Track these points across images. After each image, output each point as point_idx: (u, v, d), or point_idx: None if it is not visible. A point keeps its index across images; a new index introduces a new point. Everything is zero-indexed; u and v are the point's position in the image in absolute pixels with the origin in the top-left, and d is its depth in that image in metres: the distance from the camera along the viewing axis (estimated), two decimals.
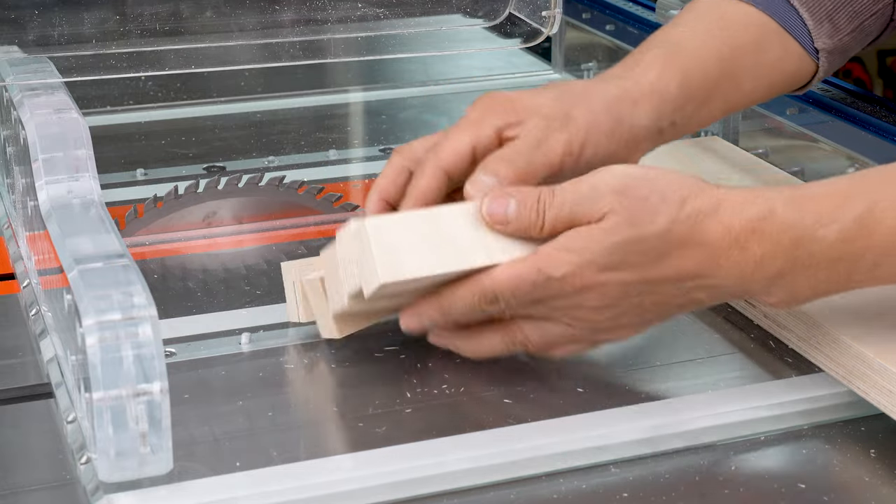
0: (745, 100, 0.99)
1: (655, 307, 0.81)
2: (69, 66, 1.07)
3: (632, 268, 0.79)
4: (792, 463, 0.79)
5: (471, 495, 0.76)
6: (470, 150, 0.87)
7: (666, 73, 0.93)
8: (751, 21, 0.98)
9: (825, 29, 0.99)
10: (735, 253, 0.79)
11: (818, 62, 1.00)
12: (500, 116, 0.88)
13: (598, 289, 0.79)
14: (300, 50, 1.17)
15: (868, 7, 1.00)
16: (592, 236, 0.78)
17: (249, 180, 1.08)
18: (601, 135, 0.89)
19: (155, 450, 0.72)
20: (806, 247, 0.78)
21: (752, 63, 0.97)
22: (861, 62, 2.46)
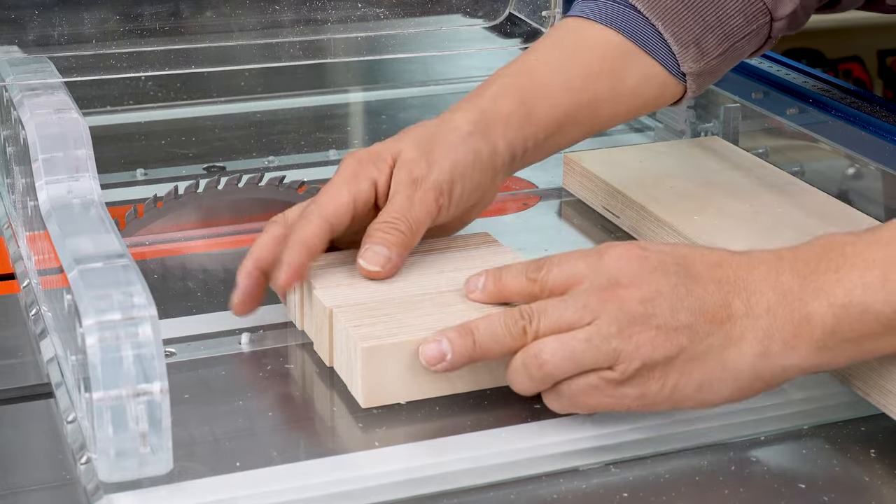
0: (603, 124, 1.00)
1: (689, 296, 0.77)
2: (69, 66, 1.07)
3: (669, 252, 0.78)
4: (792, 463, 0.79)
5: (471, 495, 0.76)
6: (351, 203, 0.89)
7: (510, 103, 0.94)
8: (610, 47, 0.98)
9: (691, 53, 0.99)
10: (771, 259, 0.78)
11: (685, 84, 1.00)
12: (372, 169, 0.90)
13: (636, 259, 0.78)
14: (300, 50, 1.17)
15: (741, 28, 1.00)
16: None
17: (249, 180, 1.08)
18: (465, 168, 0.91)
19: (155, 450, 0.72)
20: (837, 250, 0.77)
21: (607, 90, 0.98)
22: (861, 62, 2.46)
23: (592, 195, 1.11)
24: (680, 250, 0.79)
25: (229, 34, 1.22)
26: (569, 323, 0.77)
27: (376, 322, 0.82)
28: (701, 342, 0.76)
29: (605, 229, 1.09)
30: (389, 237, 0.88)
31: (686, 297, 0.76)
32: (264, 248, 0.90)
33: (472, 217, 0.95)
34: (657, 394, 0.76)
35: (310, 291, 0.88)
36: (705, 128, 1.24)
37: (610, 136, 1.30)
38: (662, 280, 0.77)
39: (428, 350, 0.79)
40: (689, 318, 0.76)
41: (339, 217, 0.89)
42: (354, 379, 0.82)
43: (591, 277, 0.78)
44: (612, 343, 0.76)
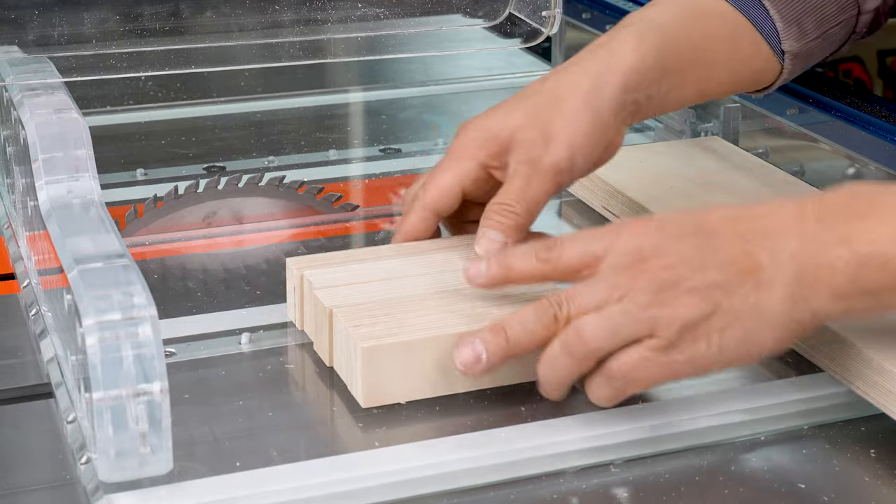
0: (717, 89, 1.00)
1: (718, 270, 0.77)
2: (69, 66, 1.07)
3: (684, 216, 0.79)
4: (792, 463, 0.79)
5: (471, 495, 0.76)
6: (457, 189, 0.90)
7: (642, 47, 0.94)
8: (724, 14, 0.99)
9: (793, 32, 1.00)
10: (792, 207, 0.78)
11: (783, 64, 1.01)
12: (481, 150, 0.90)
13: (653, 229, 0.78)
14: (300, 50, 1.17)
15: (834, 16, 1.02)
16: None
17: (249, 180, 1.08)
18: (583, 138, 0.91)
19: (155, 450, 0.72)
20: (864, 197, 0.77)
21: (724, 54, 0.98)
22: (861, 62, 2.46)
23: (592, 195, 1.11)
24: (696, 213, 0.79)
25: (229, 34, 1.22)
26: (600, 303, 0.77)
27: (376, 322, 0.82)
28: (734, 294, 0.76)
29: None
30: (505, 221, 0.87)
31: (712, 254, 0.77)
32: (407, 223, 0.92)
33: (604, 163, 0.95)
34: (705, 354, 0.76)
35: (310, 291, 0.88)
36: (705, 128, 1.24)
37: None
38: (684, 244, 0.77)
39: (463, 354, 0.79)
40: (718, 274, 0.76)
41: (443, 202, 0.90)
42: (354, 379, 0.82)
43: (610, 256, 0.78)
44: (650, 311, 0.76)
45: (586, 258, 0.79)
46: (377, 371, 0.81)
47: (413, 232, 0.91)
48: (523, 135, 0.90)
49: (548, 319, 0.78)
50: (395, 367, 0.81)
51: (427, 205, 0.91)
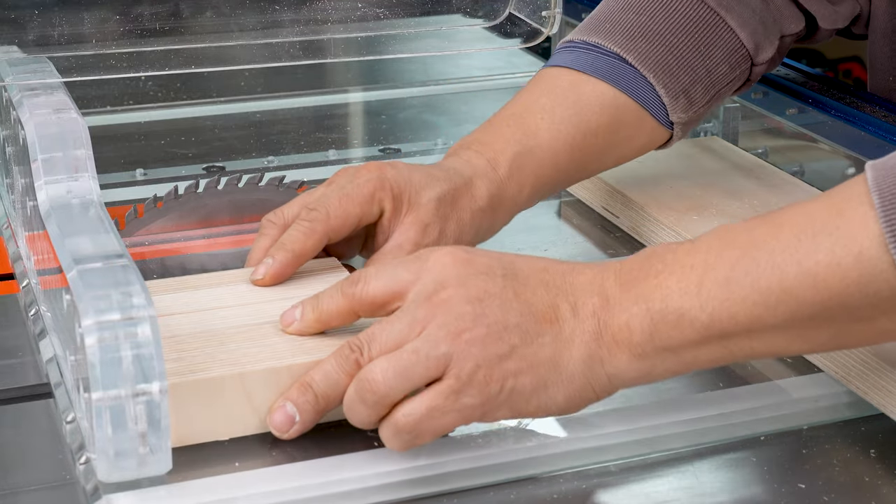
0: (593, 172, 1.03)
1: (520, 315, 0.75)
2: (69, 66, 1.07)
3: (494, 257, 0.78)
4: (792, 463, 0.79)
5: (471, 495, 0.76)
6: (356, 224, 0.91)
7: (523, 177, 0.96)
8: (606, 102, 0.99)
9: (681, 104, 1.01)
10: (595, 266, 0.78)
11: (672, 132, 1.03)
12: (389, 200, 0.91)
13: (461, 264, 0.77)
14: (300, 50, 1.17)
15: (725, 76, 1.03)
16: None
17: (249, 180, 1.08)
18: (473, 236, 0.94)
19: (154, 450, 0.72)
20: (660, 256, 0.76)
21: (602, 144, 1.00)
22: (861, 62, 2.46)
23: (592, 195, 1.11)
24: (506, 257, 0.78)
25: (229, 34, 1.22)
26: (399, 341, 0.74)
27: (183, 357, 0.79)
28: (532, 342, 0.74)
29: (605, 229, 1.09)
30: None
31: (514, 298, 0.75)
32: (261, 252, 0.90)
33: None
34: (497, 397, 0.74)
35: None
36: (705, 128, 1.24)
37: None
38: (490, 282, 0.75)
39: (276, 419, 0.77)
40: (519, 318, 0.75)
41: (339, 234, 0.90)
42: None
43: (415, 285, 0.76)
44: (442, 348, 0.73)
45: (392, 289, 0.77)
46: (179, 409, 0.76)
47: (308, 253, 0.89)
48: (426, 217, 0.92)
49: (350, 366, 0.75)
50: (196, 406, 0.77)
51: (329, 231, 0.89)
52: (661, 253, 0.76)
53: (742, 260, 0.73)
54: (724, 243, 0.75)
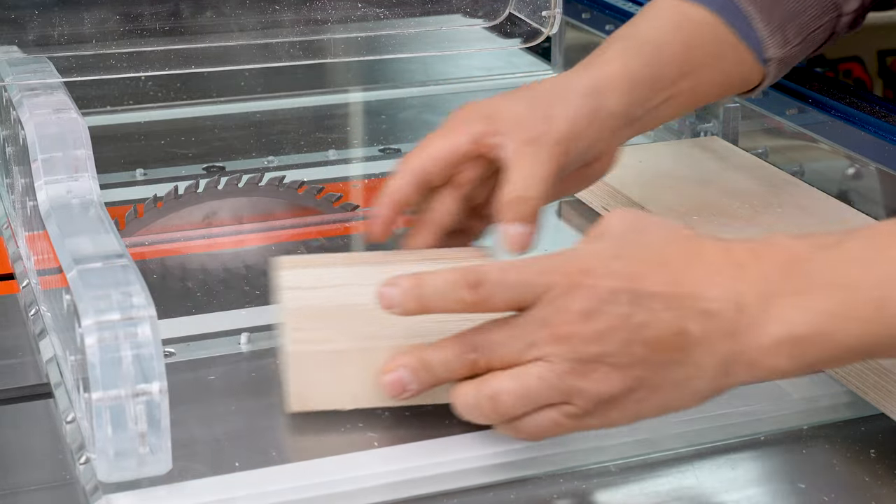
0: (703, 100, 1.01)
1: (643, 332, 0.72)
2: (69, 66, 1.07)
3: (627, 264, 0.73)
4: (792, 463, 0.79)
5: (471, 495, 0.76)
6: (440, 157, 0.88)
7: (632, 63, 0.94)
8: (708, 25, 1.00)
9: (777, 40, 1.01)
10: (732, 269, 0.73)
11: (766, 70, 1.02)
12: (477, 125, 0.89)
13: (588, 288, 0.72)
14: (300, 50, 1.17)
15: (814, 20, 1.03)
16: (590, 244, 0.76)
17: (249, 180, 1.08)
18: (582, 124, 0.90)
19: (154, 450, 0.72)
20: (803, 266, 0.73)
21: (709, 65, 0.99)
22: (861, 62, 2.46)
23: (592, 195, 1.11)
24: (634, 276, 0.73)
25: (229, 34, 1.22)
26: (517, 357, 0.74)
27: (317, 328, 0.80)
28: (658, 373, 0.72)
29: None
30: (522, 210, 0.86)
31: (640, 329, 0.72)
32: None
33: (589, 180, 0.95)
34: (619, 420, 0.74)
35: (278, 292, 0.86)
36: (705, 128, 1.24)
37: None
38: (615, 312, 0.72)
39: (389, 381, 0.77)
40: (645, 350, 0.72)
41: (425, 169, 0.88)
42: (286, 380, 0.80)
43: (538, 307, 0.73)
44: (567, 381, 0.72)
45: (515, 304, 0.74)
46: (305, 376, 0.79)
47: (396, 193, 0.88)
48: (523, 114, 0.89)
49: (467, 366, 0.75)
50: (323, 375, 0.79)
51: (410, 169, 0.88)
52: (803, 262, 0.73)
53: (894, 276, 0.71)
54: (874, 253, 0.72)
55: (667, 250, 0.74)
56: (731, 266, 0.73)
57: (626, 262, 0.74)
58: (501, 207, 0.87)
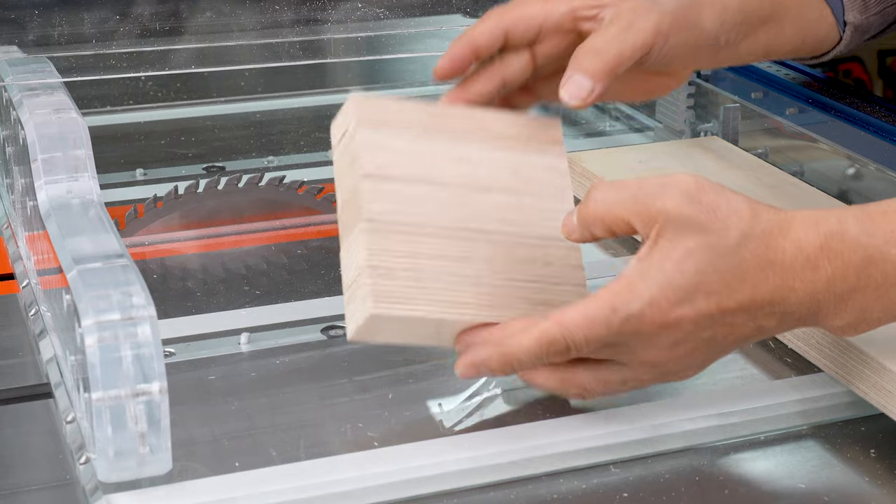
0: (781, 49, 0.99)
1: (724, 340, 0.76)
2: (69, 66, 1.07)
3: (706, 294, 0.74)
4: (792, 463, 0.79)
5: (471, 495, 0.76)
6: (536, 18, 0.85)
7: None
8: None
9: (857, 4, 1.01)
10: (807, 273, 0.74)
11: (842, 35, 1.02)
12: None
13: (675, 325, 0.74)
14: (300, 50, 1.17)
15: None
16: (662, 253, 0.74)
17: (249, 180, 1.08)
18: (682, 25, 0.88)
19: (154, 450, 0.72)
20: (878, 266, 0.74)
21: (793, 16, 0.98)
22: (861, 62, 2.46)
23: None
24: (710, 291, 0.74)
25: (229, 34, 1.22)
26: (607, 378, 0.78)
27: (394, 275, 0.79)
28: (729, 348, 0.78)
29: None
30: (596, 65, 0.83)
31: (723, 339, 0.76)
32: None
33: (650, 93, 0.92)
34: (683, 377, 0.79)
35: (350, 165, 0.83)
36: (705, 128, 1.24)
37: (610, 137, 1.30)
38: (701, 337, 0.75)
39: (464, 372, 0.78)
40: (722, 352, 0.78)
41: (516, 26, 0.85)
42: (351, 315, 0.80)
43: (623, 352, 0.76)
44: (647, 384, 0.79)
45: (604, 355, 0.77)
46: (374, 327, 0.79)
47: (479, 38, 0.85)
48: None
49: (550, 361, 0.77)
50: (394, 330, 0.79)
51: (502, 21, 0.85)
52: (879, 262, 0.74)
53: None
54: None
55: (742, 257, 0.74)
56: (807, 268, 0.75)
57: (704, 285, 0.74)
58: (576, 55, 0.84)
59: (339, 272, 1.00)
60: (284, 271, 1.02)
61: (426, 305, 0.79)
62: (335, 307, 0.94)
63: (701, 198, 0.75)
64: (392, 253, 0.79)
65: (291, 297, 0.97)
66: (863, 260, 0.74)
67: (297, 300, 0.96)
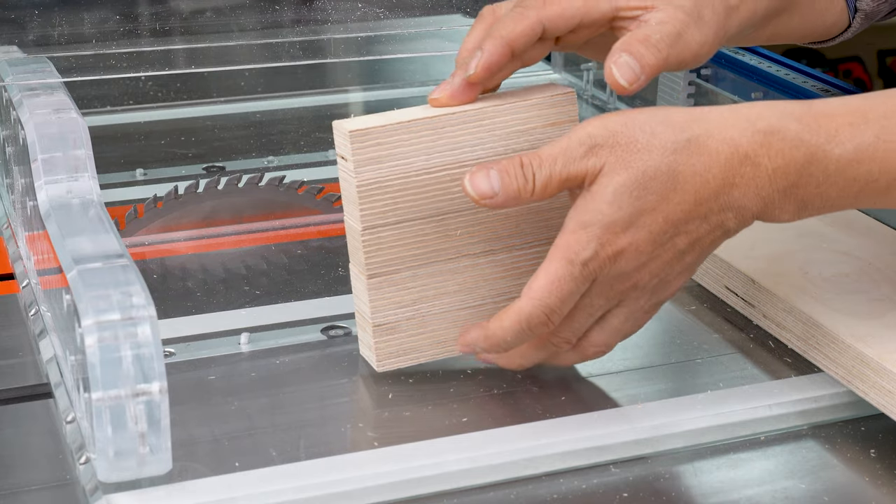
0: (786, 36, 0.99)
1: (692, 248, 0.79)
2: (69, 66, 1.07)
3: (649, 212, 0.76)
4: (792, 463, 0.79)
5: (471, 495, 0.76)
6: (577, 16, 0.84)
7: None
8: None
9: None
10: (747, 169, 0.77)
11: (851, 21, 1.02)
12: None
13: (630, 249, 0.77)
14: (300, 50, 1.17)
15: None
16: (596, 199, 0.76)
17: (249, 180, 1.08)
18: (717, 37, 0.87)
19: (154, 450, 0.72)
20: (820, 164, 0.77)
21: (805, 6, 0.97)
22: (861, 62, 2.46)
23: None
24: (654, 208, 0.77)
25: (229, 34, 1.22)
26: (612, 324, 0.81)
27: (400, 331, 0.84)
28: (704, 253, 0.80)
29: None
30: (648, 56, 0.82)
31: (689, 246, 0.78)
32: (472, 45, 0.86)
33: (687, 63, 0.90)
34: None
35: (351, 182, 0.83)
36: None
37: None
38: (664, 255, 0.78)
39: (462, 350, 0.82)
40: (698, 256, 0.79)
41: (555, 25, 0.84)
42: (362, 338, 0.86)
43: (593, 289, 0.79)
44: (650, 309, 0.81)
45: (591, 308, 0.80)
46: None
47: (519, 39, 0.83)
48: (683, 3, 0.85)
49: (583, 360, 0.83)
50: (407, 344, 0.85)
51: (543, 18, 0.83)
52: (821, 160, 0.77)
53: None
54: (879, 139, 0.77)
55: (675, 170, 0.77)
56: (747, 166, 0.77)
57: (644, 208, 0.77)
58: (629, 39, 0.83)
59: (340, 272, 1.00)
60: (284, 271, 1.02)
61: (431, 349, 0.85)
62: (335, 307, 0.94)
63: (619, 140, 0.77)
64: (395, 304, 0.83)
65: (291, 297, 0.97)
66: (805, 157, 0.77)
67: (297, 300, 0.96)
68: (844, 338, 0.83)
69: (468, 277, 0.84)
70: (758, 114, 0.78)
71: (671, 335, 0.91)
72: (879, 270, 0.91)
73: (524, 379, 0.85)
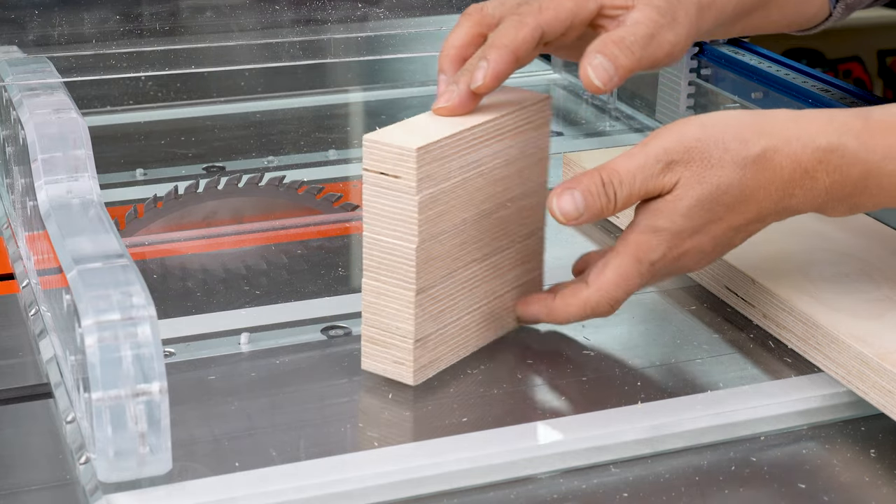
0: (764, 29, 1.01)
1: (743, 239, 0.85)
2: (69, 66, 1.07)
3: (716, 222, 0.82)
4: (792, 463, 0.79)
5: (471, 495, 0.76)
6: (569, 18, 0.86)
7: None
8: None
9: None
10: (807, 182, 0.82)
11: (832, 11, 1.03)
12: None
13: (694, 250, 0.83)
14: (300, 50, 1.17)
15: None
16: (670, 208, 0.81)
17: (249, 180, 1.08)
18: (689, 36, 0.90)
19: (154, 450, 0.72)
20: (875, 179, 0.81)
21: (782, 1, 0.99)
22: (861, 62, 2.46)
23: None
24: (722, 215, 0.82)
25: (229, 34, 1.22)
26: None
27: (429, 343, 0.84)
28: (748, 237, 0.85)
29: (605, 229, 1.09)
30: (622, 57, 0.85)
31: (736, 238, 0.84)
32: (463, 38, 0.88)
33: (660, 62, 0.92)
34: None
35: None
36: None
37: (610, 137, 1.30)
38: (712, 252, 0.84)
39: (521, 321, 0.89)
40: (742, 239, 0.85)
41: (552, 28, 0.86)
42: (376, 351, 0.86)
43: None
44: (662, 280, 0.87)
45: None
46: None
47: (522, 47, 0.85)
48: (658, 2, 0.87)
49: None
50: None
51: (541, 24, 0.85)
52: (876, 175, 0.81)
53: None
54: None
55: (743, 184, 0.82)
56: (807, 179, 0.82)
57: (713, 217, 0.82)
58: (603, 41, 0.85)
59: (339, 272, 1.00)
60: (284, 271, 1.02)
61: (447, 356, 0.87)
62: (335, 307, 0.94)
63: (693, 156, 0.81)
64: (430, 316, 0.84)
65: (291, 297, 0.97)
66: (861, 174, 0.82)
67: (297, 300, 0.96)
68: (844, 338, 0.83)
69: (471, 282, 0.86)
70: (818, 129, 0.82)
71: (671, 335, 0.91)
72: (879, 270, 0.91)
73: (524, 379, 0.85)
